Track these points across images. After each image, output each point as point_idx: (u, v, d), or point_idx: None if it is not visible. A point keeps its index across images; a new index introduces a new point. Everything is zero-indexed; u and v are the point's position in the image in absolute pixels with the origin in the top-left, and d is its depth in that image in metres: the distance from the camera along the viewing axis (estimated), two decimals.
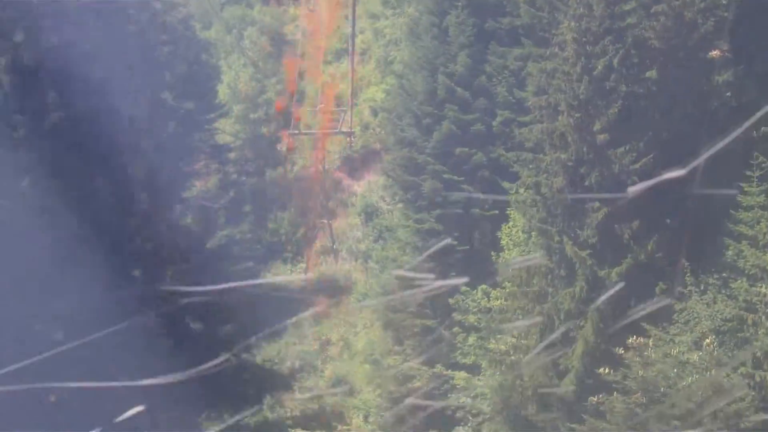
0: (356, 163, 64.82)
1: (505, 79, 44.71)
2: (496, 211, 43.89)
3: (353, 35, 48.89)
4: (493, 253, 42.25)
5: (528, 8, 44.32)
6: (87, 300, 42.77)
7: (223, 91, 65.07)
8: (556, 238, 38.60)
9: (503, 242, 41.99)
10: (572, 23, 38.78)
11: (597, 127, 37.94)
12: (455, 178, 44.80)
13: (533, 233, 40.20)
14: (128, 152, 44.06)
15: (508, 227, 42.05)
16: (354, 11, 45.68)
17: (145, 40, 45.41)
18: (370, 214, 60.41)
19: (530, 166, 40.00)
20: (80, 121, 41.54)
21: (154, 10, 48.27)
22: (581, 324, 37.69)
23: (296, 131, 62.16)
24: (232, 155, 60.26)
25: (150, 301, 45.34)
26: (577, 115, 38.20)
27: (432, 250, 39.17)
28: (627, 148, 37.70)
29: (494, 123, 44.57)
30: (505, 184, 43.14)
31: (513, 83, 44.57)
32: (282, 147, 66.17)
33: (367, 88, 67.87)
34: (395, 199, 51.23)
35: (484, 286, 42.12)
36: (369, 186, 62.40)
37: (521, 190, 40.78)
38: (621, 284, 34.26)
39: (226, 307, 51.56)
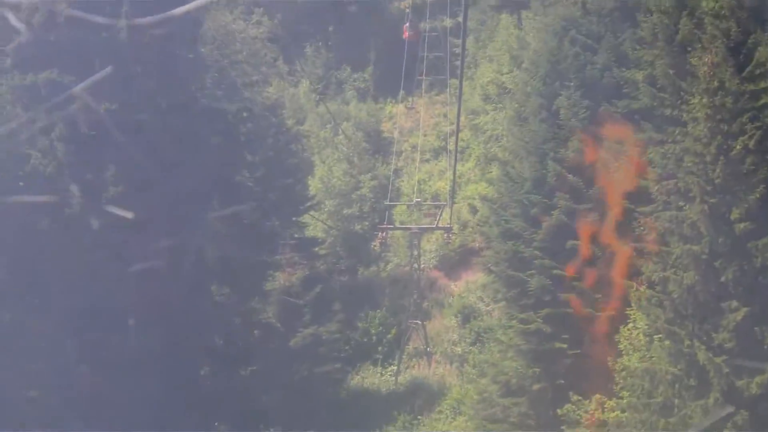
0: (453, 262, 59.26)
1: (624, 165, 38.52)
2: (613, 312, 37.35)
3: (458, 125, 43.37)
4: (609, 358, 35.70)
5: (648, 88, 38.39)
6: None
7: (315, 185, 60.11)
8: (687, 342, 32.18)
9: (621, 346, 35.56)
10: (704, 98, 32.79)
11: (735, 215, 31.70)
12: (566, 274, 38.49)
13: (658, 336, 33.61)
14: (200, 234, 39.13)
15: (628, 329, 35.63)
16: (459, 106, 40.27)
17: (221, 115, 40.13)
18: (467, 315, 55.19)
19: (655, 260, 33.64)
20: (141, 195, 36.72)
21: (232, 82, 43.13)
22: None
23: (390, 226, 56.54)
24: (321, 250, 54.76)
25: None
26: (712, 200, 31.97)
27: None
28: None
29: (610, 212, 38.29)
30: (625, 283, 36.67)
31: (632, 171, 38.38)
32: (376, 245, 60.69)
33: (466, 185, 62.63)
34: (497, 296, 45.02)
35: (598, 396, 35.59)
36: (467, 286, 56.82)
37: (643, 288, 34.31)
38: None
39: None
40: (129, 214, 33.75)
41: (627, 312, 35.90)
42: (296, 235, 51.31)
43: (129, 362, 35.87)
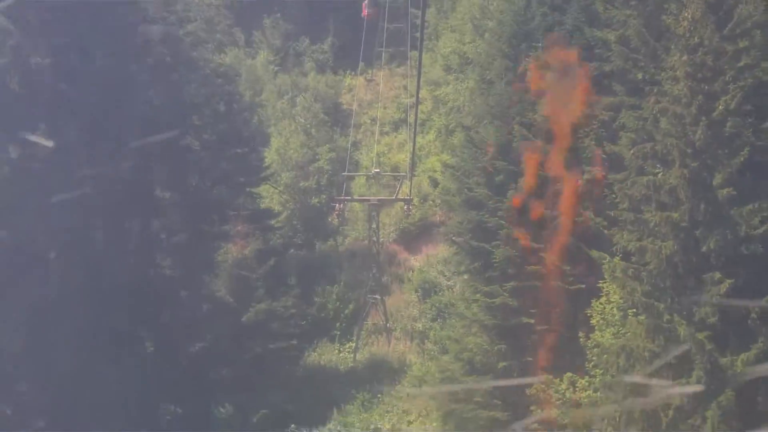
0: (413, 236, 56.02)
1: (593, 131, 35.32)
2: (583, 285, 34.24)
3: (417, 94, 39.86)
4: (581, 333, 32.58)
5: (621, 49, 35.21)
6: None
7: (271, 157, 56.48)
8: (666, 317, 29.27)
9: (594, 321, 32.43)
10: (684, 56, 29.72)
11: (717, 180, 28.73)
12: (533, 245, 35.30)
13: (632, 311, 30.53)
14: (140, 203, 35.71)
15: (600, 303, 32.48)
16: (419, 75, 36.70)
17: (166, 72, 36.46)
18: (427, 290, 52.09)
19: (630, 229, 30.54)
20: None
21: (178, 42, 39.22)
22: (697, 425, 28.09)
23: (348, 198, 53.06)
24: (277, 223, 51.09)
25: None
26: (693, 164, 28.96)
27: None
28: (756, 206, 28.34)
29: (580, 180, 35.06)
30: (593, 253, 33.51)
31: (603, 135, 35.20)
32: (333, 218, 57.33)
33: (426, 158, 59.36)
34: (460, 269, 41.44)
35: (569, 374, 32.43)
36: (427, 260, 53.60)
37: (617, 259, 31.22)
38: None
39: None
40: (49, 143, 30.56)
41: (599, 285, 32.69)
42: (249, 207, 47.59)
43: (54, 309, 32.12)
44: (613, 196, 34.06)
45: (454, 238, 39.88)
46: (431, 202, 56.35)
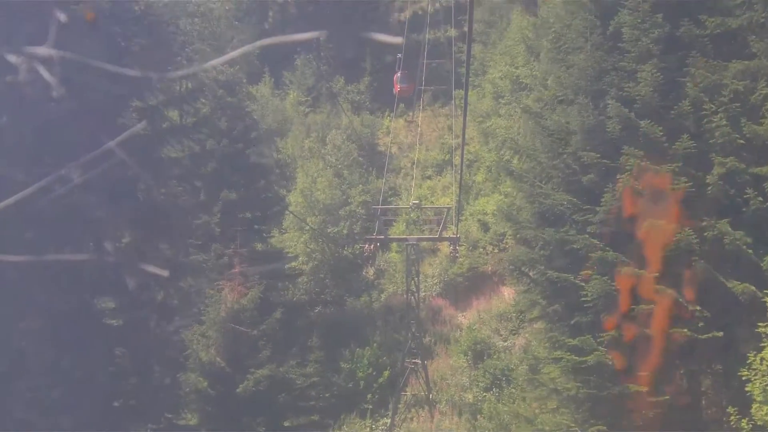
0: (461, 288, 43.04)
1: (724, 106, 21.68)
2: (720, 333, 20.32)
3: (464, 122, 26.32)
4: (730, 408, 18.59)
5: None
6: None
7: (295, 199, 43.74)
8: None
9: (752, 387, 18.41)
10: None
11: None
12: (642, 272, 21.36)
13: None
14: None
15: (761, 359, 18.39)
16: (465, 110, 23.46)
17: None
18: (479, 353, 39.07)
19: None
20: None
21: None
22: None
23: (381, 237, 39.57)
24: (291, 268, 37.77)
25: None
26: None
27: None
28: None
29: (708, 177, 21.37)
30: (733, 284, 19.79)
31: (737, 111, 21.57)
32: (368, 271, 44.35)
33: (475, 200, 46.16)
34: (533, 314, 26.69)
35: None
36: (478, 316, 40.58)
37: None
38: None
39: None
40: (165, 273, 25.11)
41: (759, 329, 18.81)
42: (257, 247, 34.23)
43: None
44: (759, 198, 20.59)
45: (520, 268, 25.37)
46: (481, 250, 43.09)
